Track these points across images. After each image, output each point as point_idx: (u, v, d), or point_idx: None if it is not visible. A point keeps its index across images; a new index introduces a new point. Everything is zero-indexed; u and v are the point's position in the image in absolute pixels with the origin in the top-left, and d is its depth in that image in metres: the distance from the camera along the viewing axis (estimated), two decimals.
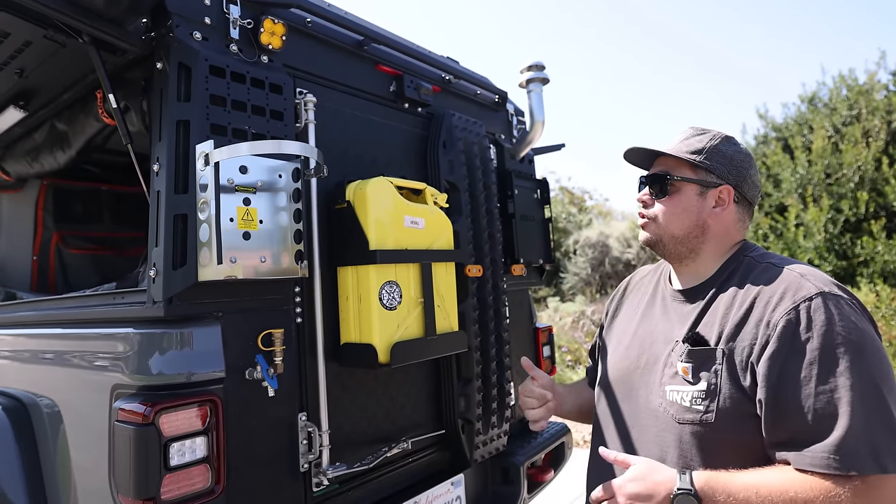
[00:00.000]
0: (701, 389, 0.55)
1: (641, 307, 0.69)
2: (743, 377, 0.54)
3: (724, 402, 0.54)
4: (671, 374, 0.59)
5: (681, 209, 0.62)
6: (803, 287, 0.53)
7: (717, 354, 0.55)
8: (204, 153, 0.70)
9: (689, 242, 0.63)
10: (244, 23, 0.80)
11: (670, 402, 0.58)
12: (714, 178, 0.62)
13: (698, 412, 0.55)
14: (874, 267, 4.29)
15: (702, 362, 0.56)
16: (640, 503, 0.51)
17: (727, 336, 0.56)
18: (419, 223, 0.93)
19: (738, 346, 0.54)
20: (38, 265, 1.39)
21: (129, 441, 0.64)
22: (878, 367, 0.49)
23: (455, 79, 1.20)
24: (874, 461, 0.46)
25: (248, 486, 0.74)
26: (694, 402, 0.56)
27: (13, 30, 0.82)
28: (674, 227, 0.63)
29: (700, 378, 0.56)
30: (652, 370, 0.63)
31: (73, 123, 1.03)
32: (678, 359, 0.59)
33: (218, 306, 0.73)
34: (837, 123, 5.06)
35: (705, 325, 0.59)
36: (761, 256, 0.61)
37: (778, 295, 0.54)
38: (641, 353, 0.65)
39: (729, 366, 0.54)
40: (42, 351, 0.96)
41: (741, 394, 0.54)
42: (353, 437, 0.90)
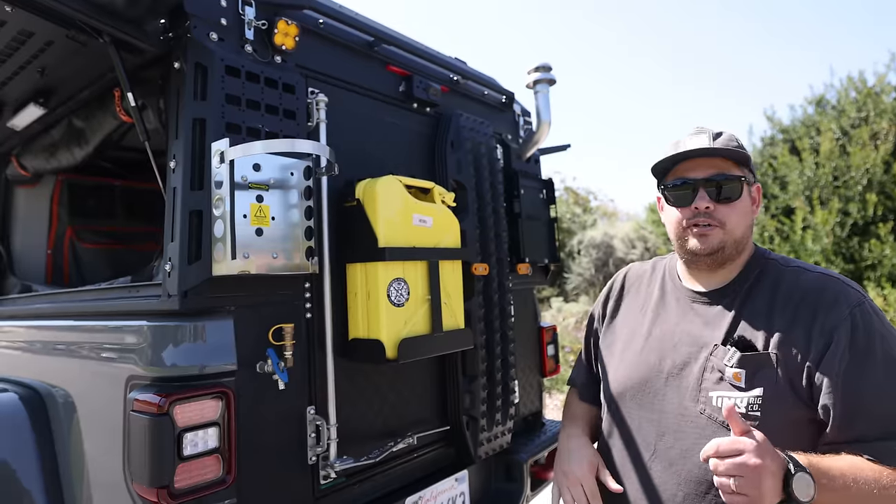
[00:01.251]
0: (756, 395, 0.54)
1: (650, 310, 0.67)
2: (799, 382, 0.53)
3: (781, 407, 0.54)
4: (716, 380, 0.57)
5: (743, 211, 0.60)
6: (846, 293, 0.55)
7: (772, 359, 0.54)
8: (219, 151, 0.71)
9: (741, 244, 0.61)
10: (259, 24, 0.81)
11: (718, 409, 0.56)
12: (752, 176, 0.62)
13: (755, 418, 0.54)
14: (882, 270, 4.24)
15: (756, 368, 0.55)
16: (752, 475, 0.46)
17: (777, 341, 0.55)
18: (427, 221, 0.94)
19: (791, 351, 0.54)
20: (52, 259, 1.42)
21: (145, 430, 0.66)
22: None
23: (463, 79, 1.21)
24: None
25: (258, 477, 0.75)
26: (750, 408, 0.54)
27: (37, 30, 0.84)
28: (740, 230, 0.60)
29: (754, 384, 0.54)
30: (683, 374, 0.60)
31: (91, 120, 1.05)
32: (725, 364, 0.57)
33: (231, 301, 0.74)
34: (845, 126, 5.00)
35: (746, 328, 0.57)
36: (784, 260, 0.61)
37: (828, 300, 0.54)
38: (663, 357, 0.62)
39: (785, 371, 0.54)
40: (58, 342, 0.98)
41: (797, 398, 0.54)
42: (360, 431, 0.91)
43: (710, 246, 0.60)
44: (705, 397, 0.58)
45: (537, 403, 1.37)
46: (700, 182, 0.60)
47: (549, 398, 3.54)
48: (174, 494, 0.66)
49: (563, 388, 3.66)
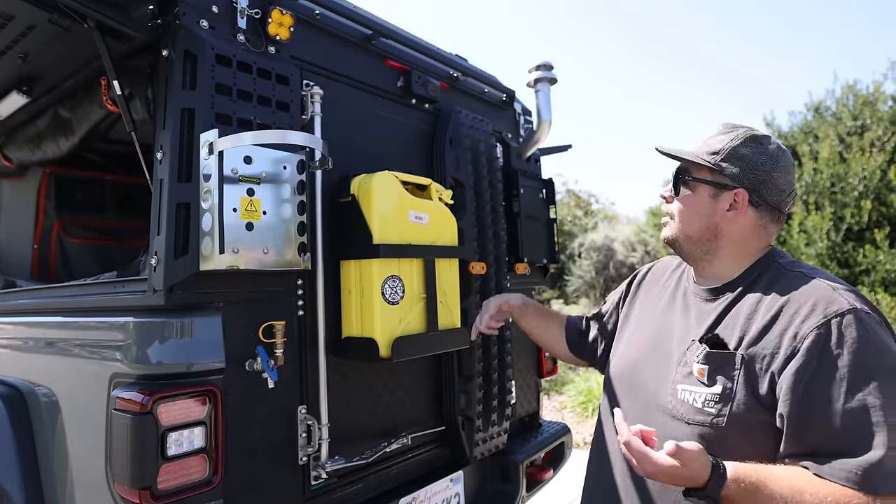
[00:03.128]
0: (715, 392, 0.54)
1: (663, 300, 0.68)
2: (760, 385, 0.52)
3: (737, 408, 0.53)
4: (685, 374, 0.58)
5: (693, 210, 0.61)
6: (835, 301, 0.51)
7: (737, 359, 0.54)
8: (208, 142, 0.69)
9: (702, 244, 0.61)
10: (252, 12, 0.79)
11: (681, 402, 0.58)
12: (727, 180, 0.59)
13: (710, 415, 0.54)
14: (875, 276, 4.29)
15: (719, 365, 0.55)
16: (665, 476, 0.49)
17: (748, 342, 0.54)
18: (423, 219, 0.92)
19: (759, 354, 0.53)
20: (38, 254, 1.39)
21: (127, 430, 0.64)
22: None
23: (463, 76, 1.19)
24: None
25: (246, 478, 0.73)
26: (706, 404, 0.55)
27: (17, 13, 0.81)
28: (687, 227, 0.62)
29: (716, 381, 0.55)
30: (665, 366, 0.61)
31: (77, 110, 1.02)
32: (694, 359, 0.57)
33: (219, 296, 0.72)
34: (843, 133, 5.06)
35: (725, 327, 0.57)
36: (791, 264, 0.58)
37: (808, 307, 0.52)
38: (657, 347, 0.64)
39: (747, 372, 0.53)
40: (40, 339, 0.95)
41: (756, 401, 0.53)
42: (352, 431, 0.89)
43: (664, 236, 0.65)
44: (673, 389, 0.59)
45: (534, 404, 1.36)
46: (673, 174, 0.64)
47: (547, 399, 3.54)
48: (157, 496, 0.64)
49: (560, 389, 3.66)
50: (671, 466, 0.49)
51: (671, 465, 0.49)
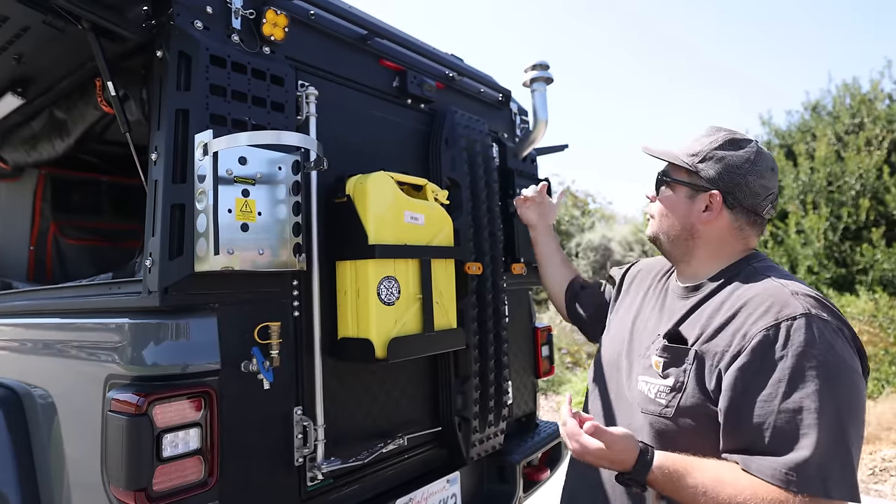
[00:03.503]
0: (667, 385, 0.57)
1: (649, 296, 0.70)
2: (709, 381, 0.54)
3: (685, 400, 0.55)
4: (646, 366, 0.61)
5: (672, 210, 0.63)
6: (790, 305, 0.52)
7: (690, 354, 0.56)
8: (203, 143, 0.69)
9: (680, 245, 0.63)
10: (246, 13, 0.79)
11: (639, 392, 0.61)
12: (703, 182, 0.61)
13: (659, 405, 0.57)
14: (873, 275, 4.30)
15: (674, 359, 0.57)
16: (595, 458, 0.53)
17: (704, 338, 0.56)
18: (419, 219, 0.92)
19: (710, 350, 0.55)
20: (34, 255, 1.38)
21: (122, 431, 0.63)
22: (846, 398, 0.49)
23: (459, 76, 1.19)
24: (822, 486, 0.47)
25: (242, 479, 0.73)
26: (658, 395, 0.58)
27: (12, 14, 0.81)
28: (665, 226, 0.64)
29: (668, 374, 0.57)
30: (635, 359, 0.65)
31: (72, 112, 1.02)
32: (654, 352, 0.60)
33: (214, 298, 0.72)
34: (840, 132, 5.07)
35: (689, 323, 0.59)
36: (763, 268, 0.59)
37: (763, 308, 0.53)
38: (632, 340, 0.67)
39: (698, 368, 0.55)
40: (36, 340, 0.95)
41: (703, 396, 0.55)
42: (348, 432, 0.89)
43: (647, 234, 0.69)
44: (634, 380, 0.63)
45: (531, 405, 1.36)
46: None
47: (544, 399, 3.54)
48: (152, 497, 0.63)
49: (558, 389, 3.66)
50: (597, 448, 0.53)
51: (597, 448, 0.53)
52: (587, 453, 0.53)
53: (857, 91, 5.20)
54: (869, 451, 2.48)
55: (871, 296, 4.03)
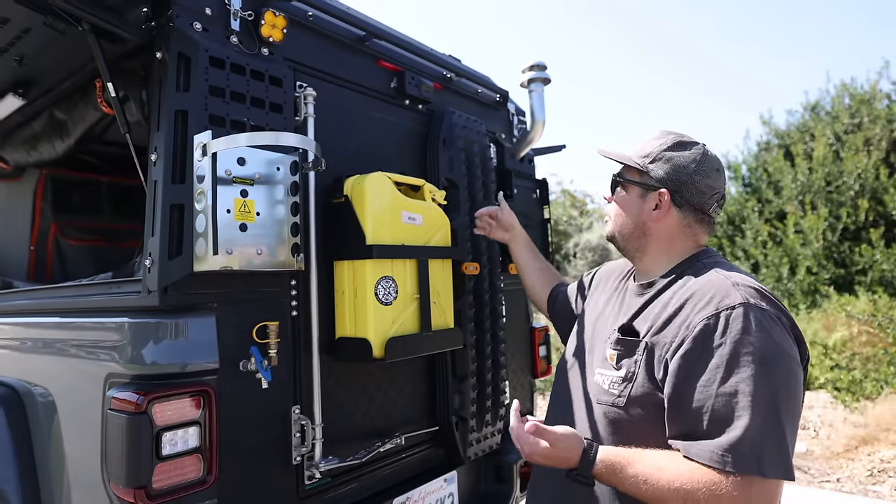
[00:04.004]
0: (619, 376, 0.60)
1: (611, 294, 0.73)
2: (657, 371, 0.57)
3: (635, 391, 0.58)
4: (601, 359, 0.64)
5: (624, 209, 0.66)
6: (730, 295, 0.55)
7: (640, 346, 0.59)
8: (202, 143, 0.70)
9: (633, 242, 0.66)
10: (245, 14, 0.80)
11: (595, 384, 0.64)
12: (653, 181, 0.64)
13: (612, 395, 0.60)
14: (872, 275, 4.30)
15: (626, 351, 0.60)
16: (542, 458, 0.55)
17: (654, 330, 0.59)
18: (417, 219, 0.93)
19: (659, 342, 0.58)
20: (35, 255, 1.39)
21: (122, 429, 0.64)
22: (782, 382, 0.51)
23: (456, 77, 1.20)
24: (756, 465, 0.49)
25: (240, 478, 0.74)
26: (611, 386, 0.60)
27: (12, 16, 0.82)
28: (619, 225, 0.67)
29: (621, 365, 0.60)
30: (592, 353, 0.68)
31: (72, 112, 1.03)
32: (609, 345, 0.63)
33: (213, 297, 0.73)
34: (839, 131, 5.07)
35: (642, 318, 0.62)
36: (712, 263, 0.62)
37: (706, 299, 0.56)
38: (592, 337, 0.70)
39: (648, 358, 0.58)
40: (37, 340, 0.95)
41: (653, 385, 0.57)
42: (346, 431, 0.89)
43: (604, 234, 0.72)
44: (591, 373, 0.66)
45: (528, 404, 1.36)
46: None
47: (542, 399, 3.54)
48: (152, 495, 0.64)
49: None
50: (543, 448, 0.55)
51: (543, 447, 0.55)
52: (535, 454, 0.56)
53: (855, 91, 5.20)
54: (867, 452, 2.48)
55: (870, 296, 4.03)
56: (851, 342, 3.53)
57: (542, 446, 0.55)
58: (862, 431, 2.63)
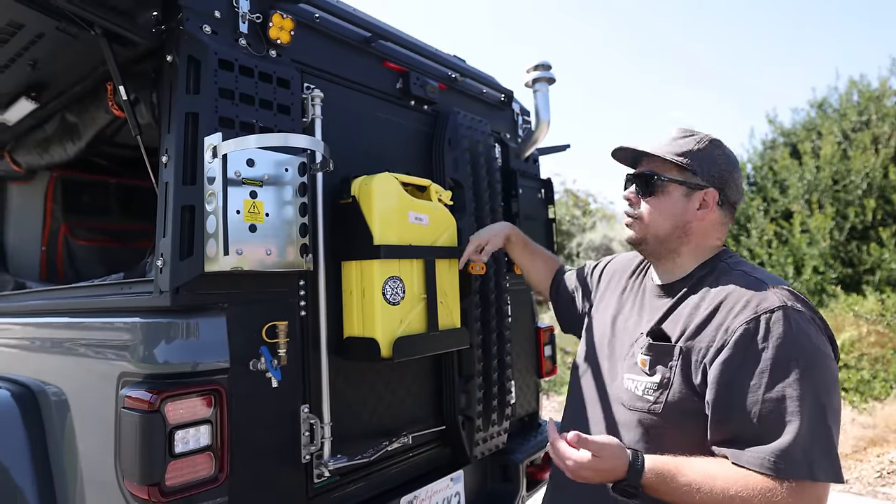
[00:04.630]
0: (654, 381, 0.59)
1: (626, 295, 0.72)
2: (695, 376, 0.56)
3: (672, 396, 0.57)
4: (631, 364, 0.63)
5: (667, 210, 0.64)
6: (767, 299, 0.55)
7: (675, 351, 0.58)
8: (212, 145, 0.71)
9: (670, 243, 0.64)
10: (253, 17, 0.80)
11: (625, 389, 0.62)
12: (699, 180, 0.63)
13: (647, 402, 0.59)
14: (881, 274, 4.24)
15: (659, 356, 0.59)
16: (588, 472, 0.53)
17: (688, 335, 0.58)
18: (423, 219, 0.93)
19: (695, 346, 0.57)
20: (46, 256, 1.41)
21: (136, 427, 0.65)
22: (824, 384, 0.52)
23: (461, 77, 1.20)
24: (808, 470, 0.49)
25: (251, 475, 0.74)
26: (646, 392, 0.59)
27: (27, 21, 0.83)
28: (658, 227, 0.64)
29: (655, 371, 0.59)
30: (618, 358, 0.66)
31: (84, 115, 1.04)
32: (639, 350, 0.62)
33: (223, 297, 0.73)
34: (847, 129, 5.00)
35: (671, 321, 0.61)
36: (736, 263, 0.62)
37: (742, 303, 0.55)
38: (612, 340, 0.68)
39: (684, 363, 0.57)
40: (50, 339, 0.97)
41: (690, 391, 0.57)
42: (354, 430, 0.90)
43: (630, 236, 0.67)
44: (620, 378, 0.64)
45: (534, 404, 1.36)
46: (633, 176, 0.66)
47: (547, 399, 3.54)
48: (165, 492, 0.65)
49: (560, 389, 3.65)
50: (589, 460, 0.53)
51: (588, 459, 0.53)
52: (581, 467, 0.53)
53: (865, 88, 5.12)
54: (876, 453, 2.45)
55: (878, 296, 3.98)
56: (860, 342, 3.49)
57: (587, 458, 0.52)
58: (871, 432, 2.60)
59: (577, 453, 0.53)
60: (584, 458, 0.53)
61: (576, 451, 0.53)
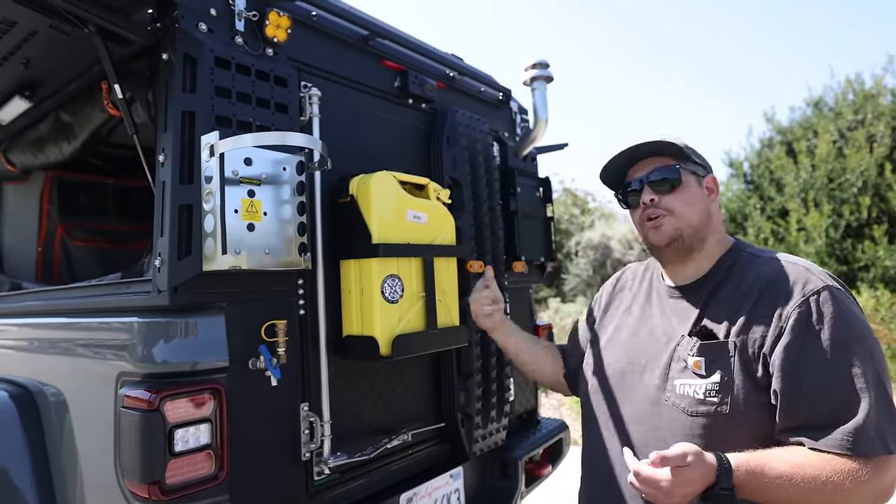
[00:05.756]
0: (714, 382, 0.56)
1: (638, 307, 0.70)
2: (755, 368, 0.55)
3: (737, 393, 0.55)
4: (680, 368, 0.60)
5: (693, 197, 0.63)
6: (810, 280, 0.56)
7: (730, 347, 0.57)
8: (209, 144, 0.70)
9: (701, 232, 0.63)
10: (249, 15, 0.80)
11: (681, 396, 0.59)
12: (701, 169, 0.65)
13: (713, 404, 0.56)
14: (875, 272, 4.29)
15: (714, 356, 0.57)
16: (681, 488, 0.49)
17: (738, 329, 0.57)
18: (422, 218, 0.94)
19: (749, 339, 0.56)
20: (42, 256, 1.40)
21: (136, 426, 0.65)
22: (880, 357, 0.54)
23: (459, 75, 1.20)
24: (883, 445, 0.50)
25: (251, 474, 0.74)
26: (708, 394, 0.56)
27: (19, 19, 0.82)
28: (692, 215, 0.62)
29: (713, 371, 0.57)
30: (654, 366, 0.63)
31: (79, 114, 1.03)
32: (688, 353, 0.59)
33: (222, 297, 0.73)
34: (842, 128, 5.03)
35: (712, 318, 0.60)
36: (758, 251, 0.63)
37: (788, 288, 0.56)
38: (642, 353, 0.65)
39: (741, 358, 0.56)
40: (48, 340, 0.97)
41: (753, 384, 0.55)
42: (354, 427, 0.90)
43: (665, 234, 0.63)
44: (671, 386, 0.60)
45: (532, 402, 1.37)
46: (643, 179, 0.65)
47: (545, 398, 3.56)
48: (165, 490, 0.65)
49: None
50: (682, 476, 0.48)
51: (683, 476, 0.48)
52: (676, 485, 0.48)
53: (860, 86, 5.15)
54: None
55: (872, 293, 4.02)
56: None
57: (676, 474, 0.48)
58: None
59: (667, 473, 0.48)
60: (679, 475, 0.48)
61: (665, 472, 0.49)
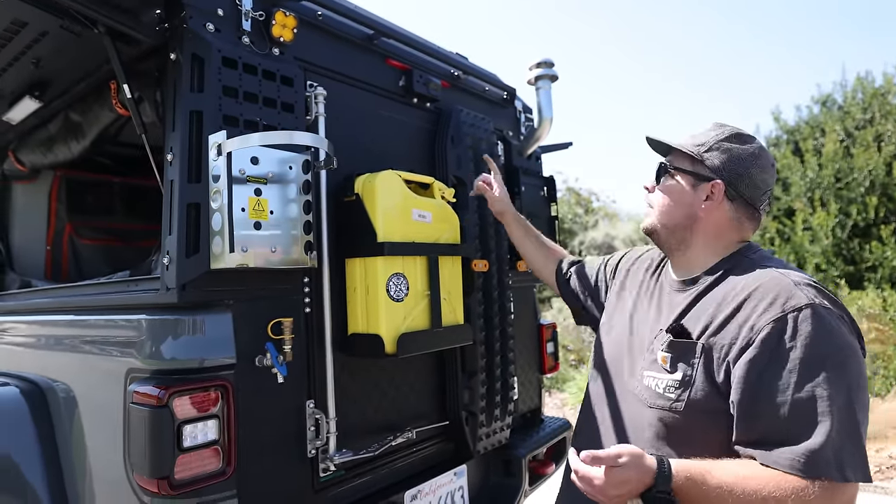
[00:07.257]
0: (675, 379, 0.57)
1: (644, 290, 0.71)
2: (717, 374, 0.55)
3: (694, 394, 0.56)
4: (651, 361, 0.61)
5: (675, 199, 0.63)
6: (795, 296, 0.53)
7: (697, 348, 0.56)
8: (217, 143, 0.71)
9: (678, 234, 0.63)
10: (256, 15, 0.80)
11: (645, 387, 0.61)
12: (707, 171, 0.62)
13: (669, 399, 0.57)
14: (882, 272, 4.24)
15: (681, 353, 0.57)
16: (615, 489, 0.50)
17: (710, 332, 0.56)
18: (427, 217, 0.94)
19: (718, 343, 0.55)
20: (51, 255, 1.42)
21: (145, 422, 0.66)
22: (855, 383, 0.50)
23: (464, 75, 1.20)
24: (839, 470, 0.48)
25: (258, 470, 0.75)
26: (666, 389, 0.57)
27: (30, 19, 0.83)
28: (666, 215, 0.64)
29: (677, 368, 0.57)
30: (637, 354, 0.65)
31: (87, 114, 1.04)
32: (659, 347, 0.60)
33: (229, 294, 0.74)
34: (850, 127, 4.97)
35: (691, 317, 0.59)
36: (761, 259, 0.60)
37: (768, 300, 0.53)
38: (631, 336, 0.67)
39: (706, 360, 0.56)
40: (58, 337, 0.98)
41: (713, 389, 0.55)
42: (359, 425, 0.91)
43: (644, 226, 0.67)
44: (639, 376, 0.62)
45: (536, 400, 1.37)
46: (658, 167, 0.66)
47: (549, 397, 3.55)
48: (174, 485, 0.66)
49: (562, 386, 3.67)
50: (615, 476, 0.49)
51: (616, 475, 0.49)
52: (608, 485, 0.49)
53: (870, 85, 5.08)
54: (875, 448, 2.46)
55: (879, 293, 3.97)
56: None
57: (610, 475, 0.48)
58: (871, 429, 2.60)
59: (600, 472, 0.50)
60: (611, 475, 0.49)
61: (599, 471, 0.50)
